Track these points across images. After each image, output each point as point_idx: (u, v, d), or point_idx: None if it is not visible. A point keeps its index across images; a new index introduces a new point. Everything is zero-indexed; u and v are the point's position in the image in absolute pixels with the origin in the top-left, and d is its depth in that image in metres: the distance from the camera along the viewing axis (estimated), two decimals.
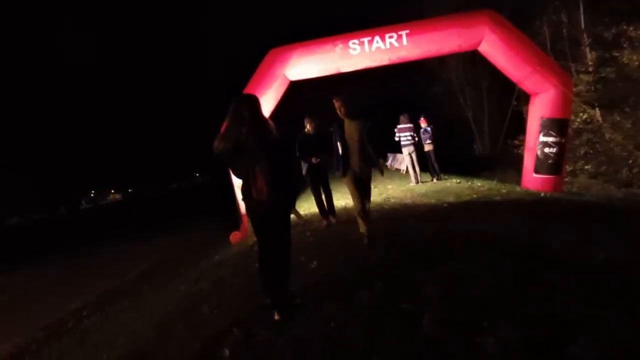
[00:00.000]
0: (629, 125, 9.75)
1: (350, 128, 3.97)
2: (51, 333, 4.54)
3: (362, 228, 4.16)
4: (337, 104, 4.01)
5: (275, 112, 6.68)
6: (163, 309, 3.95)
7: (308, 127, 5.42)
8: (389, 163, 15.83)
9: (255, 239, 2.84)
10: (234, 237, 6.56)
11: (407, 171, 9.18)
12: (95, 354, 3.37)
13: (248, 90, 6.25)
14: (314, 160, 5.26)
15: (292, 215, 3.53)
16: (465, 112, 21.14)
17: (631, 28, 9.20)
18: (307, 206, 8.15)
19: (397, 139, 8.70)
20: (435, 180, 8.60)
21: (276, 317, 2.64)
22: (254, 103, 2.68)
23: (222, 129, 2.63)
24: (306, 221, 6.22)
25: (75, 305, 5.54)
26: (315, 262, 3.85)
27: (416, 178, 8.64)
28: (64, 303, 5.74)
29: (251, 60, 7.01)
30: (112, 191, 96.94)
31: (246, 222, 6.35)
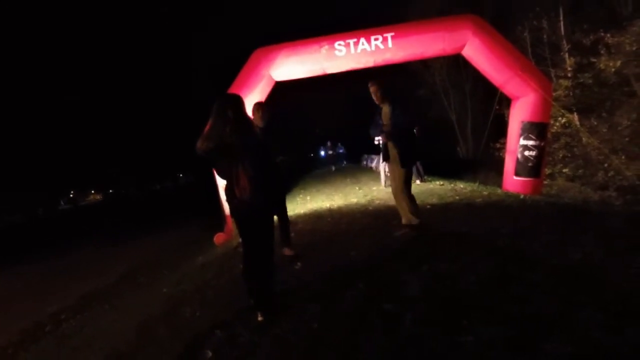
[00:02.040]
0: (605, 130, 10.06)
1: (385, 113, 3.91)
2: (28, 337, 4.41)
3: (404, 219, 4.16)
4: (371, 89, 3.90)
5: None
6: (144, 312, 3.88)
7: (255, 117, 3.97)
8: (373, 165, 15.93)
9: (240, 240, 2.83)
10: (218, 238, 6.50)
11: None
12: (74, 358, 3.30)
13: (233, 90, 6.20)
14: None
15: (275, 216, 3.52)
16: (449, 115, 21.46)
17: (608, 35, 9.52)
18: (291, 207, 8.14)
19: (376, 142, 8.82)
20: (419, 182, 8.69)
21: (259, 318, 2.64)
22: (238, 103, 2.67)
23: (206, 128, 2.62)
24: (290, 222, 6.20)
25: (53, 308, 5.38)
26: (299, 263, 3.86)
27: (385, 181, 8.88)
28: (42, 307, 5.57)
29: (236, 59, 6.96)
30: (92, 192, 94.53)
31: (230, 223, 6.30)
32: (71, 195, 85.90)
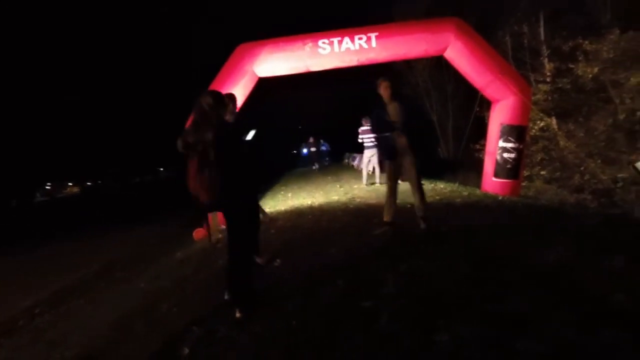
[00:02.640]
0: (581, 134, 10.33)
1: (393, 111, 3.97)
2: (1, 332, 4.29)
3: (386, 216, 4.23)
4: (383, 85, 3.95)
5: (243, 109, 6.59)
6: (121, 307, 3.83)
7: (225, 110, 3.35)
8: (355, 164, 16.02)
9: (219, 236, 2.83)
10: (197, 233, 6.44)
11: (372, 171, 9.36)
12: (49, 353, 3.22)
13: (215, 84, 6.14)
14: None
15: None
16: (431, 116, 21.69)
17: (586, 42, 9.74)
18: (272, 204, 8.14)
19: (360, 140, 8.91)
20: (400, 182, 8.77)
21: (237, 314, 2.64)
22: (210, 100, 2.65)
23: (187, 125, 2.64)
24: (271, 219, 6.20)
25: (27, 303, 5.24)
26: (278, 260, 3.86)
27: (367, 179, 9.10)
28: (14, 301, 5.41)
29: (219, 54, 6.88)
30: (70, 184, 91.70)
31: (210, 219, 6.24)
32: (47, 188, 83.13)
